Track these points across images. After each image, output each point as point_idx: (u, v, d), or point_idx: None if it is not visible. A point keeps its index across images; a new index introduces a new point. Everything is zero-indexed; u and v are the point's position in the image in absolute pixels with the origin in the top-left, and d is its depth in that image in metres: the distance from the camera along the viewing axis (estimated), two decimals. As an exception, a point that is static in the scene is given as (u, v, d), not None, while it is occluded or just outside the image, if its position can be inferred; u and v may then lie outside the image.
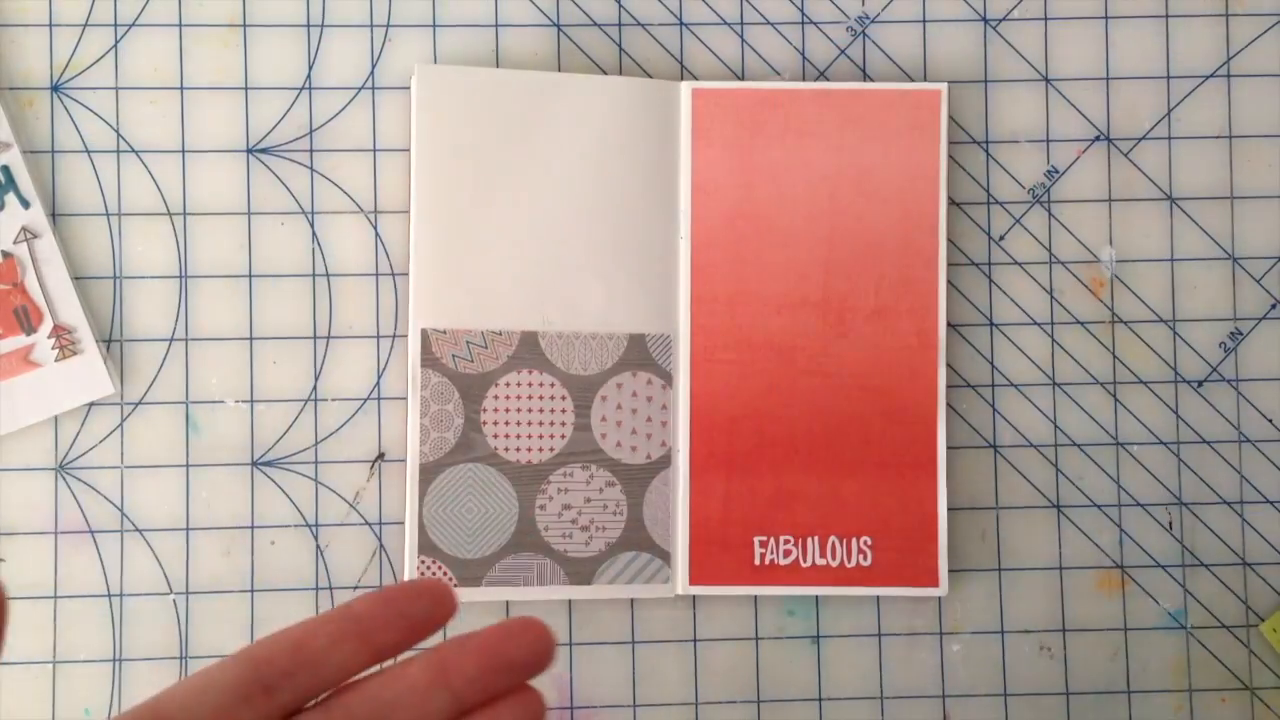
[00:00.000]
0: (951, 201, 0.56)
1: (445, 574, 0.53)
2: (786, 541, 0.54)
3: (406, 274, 0.54)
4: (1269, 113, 0.57)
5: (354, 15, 0.55)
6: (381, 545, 0.54)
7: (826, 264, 0.55)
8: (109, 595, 0.53)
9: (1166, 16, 0.57)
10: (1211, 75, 0.57)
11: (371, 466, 0.54)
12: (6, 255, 0.53)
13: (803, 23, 0.56)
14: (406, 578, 0.53)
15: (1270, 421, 0.56)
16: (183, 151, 0.54)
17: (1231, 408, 0.56)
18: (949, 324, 0.56)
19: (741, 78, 0.56)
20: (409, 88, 0.54)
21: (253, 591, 0.54)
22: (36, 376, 0.53)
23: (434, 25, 0.55)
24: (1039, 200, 0.56)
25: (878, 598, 0.55)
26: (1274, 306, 0.57)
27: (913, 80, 0.56)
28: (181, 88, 0.55)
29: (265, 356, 0.54)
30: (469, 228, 0.54)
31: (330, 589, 0.54)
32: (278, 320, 0.54)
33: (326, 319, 0.54)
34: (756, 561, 0.54)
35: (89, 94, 0.54)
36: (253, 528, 0.54)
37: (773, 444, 0.54)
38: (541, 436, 0.54)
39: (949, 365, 0.56)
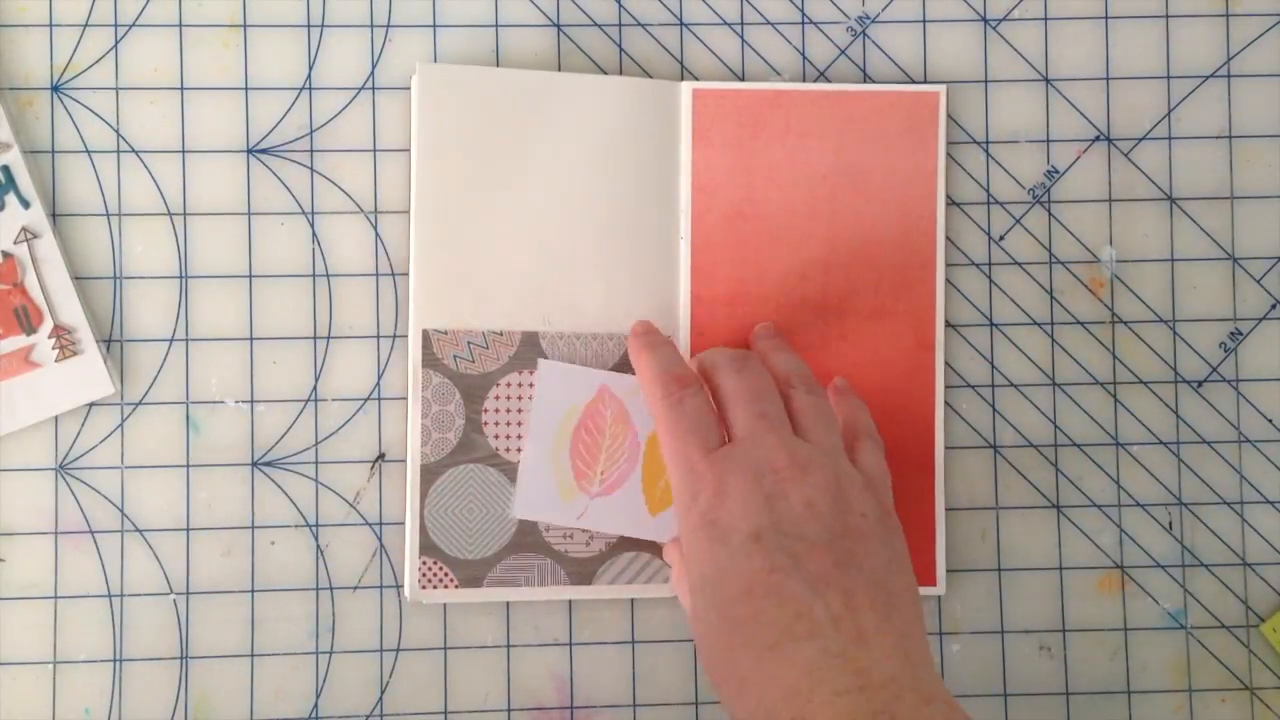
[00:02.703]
0: (951, 201, 0.56)
1: (446, 574, 0.53)
2: (786, 541, 0.54)
3: (406, 274, 0.54)
4: (1269, 113, 0.57)
5: (354, 15, 0.55)
6: (382, 546, 0.54)
7: (826, 264, 0.55)
8: (109, 595, 0.53)
9: (1166, 16, 0.57)
10: (1211, 75, 0.57)
11: (372, 467, 0.54)
12: (6, 255, 0.53)
13: (803, 23, 0.56)
14: (407, 578, 0.53)
15: (1270, 421, 0.56)
16: (183, 151, 0.54)
17: (1231, 408, 0.56)
18: (948, 324, 0.56)
19: (741, 78, 0.56)
20: (409, 88, 0.54)
21: (253, 592, 0.54)
22: (36, 377, 0.53)
23: (434, 25, 0.55)
24: (1039, 200, 0.56)
25: (878, 598, 0.55)
26: (1274, 306, 0.57)
27: (913, 80, 0.56)
28: (181, 88, 0.55)
29: (265, 357, 0.54)
30: (469, 228, 0.54)
31: (331, 589, 0.54)
32: (278, 320, 0.54)
33: (326, 319, 0.54)
34: (756, 561, 0.54)
35: (89, 94, 0.54)
36: (253, 528, 0.54)
37: (773, 444, 0.54)
38: (542, 437, 0.54)
39: (948, 365, 0.56)
